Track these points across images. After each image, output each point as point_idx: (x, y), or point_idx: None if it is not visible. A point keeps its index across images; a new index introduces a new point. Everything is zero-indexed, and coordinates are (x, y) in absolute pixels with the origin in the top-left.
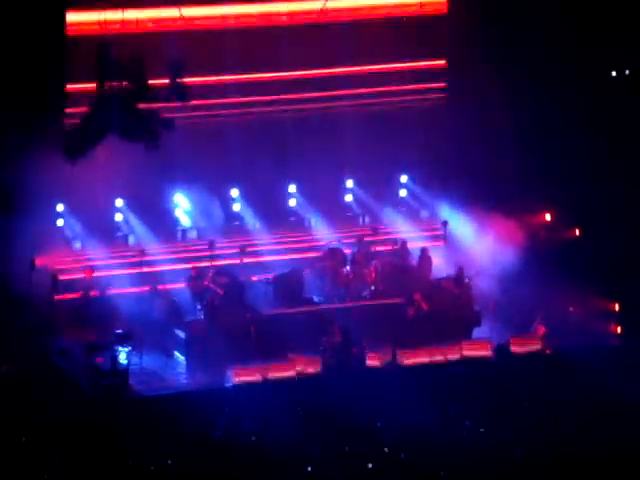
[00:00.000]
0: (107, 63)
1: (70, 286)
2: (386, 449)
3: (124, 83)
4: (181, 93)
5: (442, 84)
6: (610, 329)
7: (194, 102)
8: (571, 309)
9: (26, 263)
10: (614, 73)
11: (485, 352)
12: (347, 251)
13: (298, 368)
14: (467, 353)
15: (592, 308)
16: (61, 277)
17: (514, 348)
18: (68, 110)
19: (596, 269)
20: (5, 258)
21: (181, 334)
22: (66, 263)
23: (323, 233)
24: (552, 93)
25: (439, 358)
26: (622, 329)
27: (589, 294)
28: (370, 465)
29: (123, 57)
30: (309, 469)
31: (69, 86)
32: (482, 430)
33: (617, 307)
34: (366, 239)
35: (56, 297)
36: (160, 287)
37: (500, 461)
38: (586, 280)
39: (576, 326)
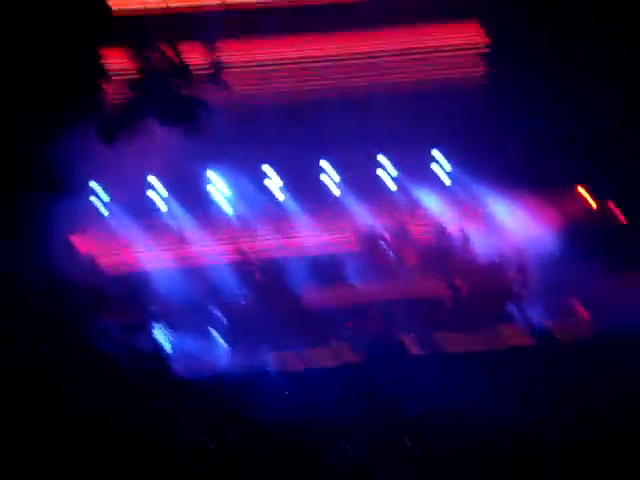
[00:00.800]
0: (146, 44)
1: (109, 267)
2: (430, 435)
3: (162, 65)
4: (217, 73)
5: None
6: None
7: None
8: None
9: (63, 243)
10: None
11: (524, 339)
12: (385, 233)
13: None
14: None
15: (634, 289)
16: (100, 257)
17: (554, 331)
18: (106, 91)
19: (635, 246)
20: (42, 238)
21: (221, 316)
22: (104, 244)
23: (360, 214)
24: (591, 69)
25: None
26: None
27: (631, 275)
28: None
29: (162, 39)
30: (348, 450)
31: (108, 67)
32: (524, 414)
33: None
34: (404, 219)
35: (95, 278)
36: (201, 269)
37: (539, 444)
38: (627, 261)
39: (617, 307)
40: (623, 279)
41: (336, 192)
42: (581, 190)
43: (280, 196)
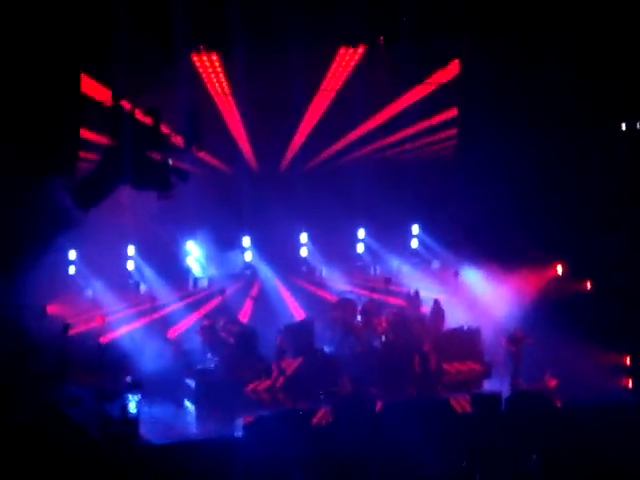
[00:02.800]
0: (120, 114)
1: (81, 334)
2: None
3: (137, 134)
4: (195, 143)
5: (453, 132)
6: (622, 383)
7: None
8: (583, 366)
9: (38, 310)
10: (624, 126)
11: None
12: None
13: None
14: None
15: (604, 362)
16: (72, 325)
17: (524, 400)
18: (82, 157)
19: (607, 322)
20: (17, 305)
21: (191, 383)
22: (78, 311)
23: (334, 283)
24: (563, 145)
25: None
26: (634, 383)
27: (601, 347)
28: None
29: (138, 107)
30: None
31: (83, 135)
32: None
33: (628, 361)
34: (378, 290)
35: (67, 345)
36: (171, 335)
37: None
38: (597, 333)
39: (587, 379)
40: (595, 352)
41: (312, 260)
42: (554, 262)
43: (256, 263)
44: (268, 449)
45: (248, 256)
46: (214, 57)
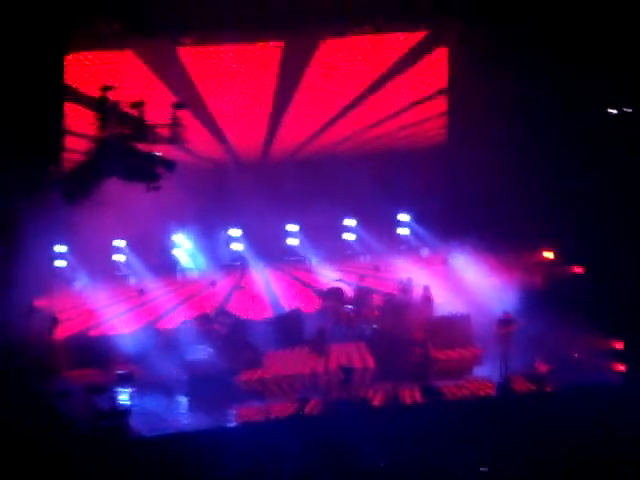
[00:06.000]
0: (106, 106)
1: (70, 327)
2: None
3: (124, 126)
4: (179, 134)
5: (442, 122)
6: (614, 367)
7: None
8: (574, 351)
9: (25, 305)
10: (614, 111)
11: (488, 390)
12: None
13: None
14: (469, 392)
15: (595, 346)
16: (61, 318)
17: (515, 386)
18: (68, 151)
19: (599, 306)
20: (4, 300)
21: (183, 374)
22: (66, 304)
23: (324, 272)
24: (551, 131)
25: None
26: (626, 367)
27: (592, 332)
28: None
29: (123, 100)
30: None
31: (69, 127)
32: (483, 469)
33: (621, 345)
34: (368, 277)
35: (56, 338)
36: (162, 327)
37: None
38: (589, 318)
39: (579, 364)
40: (586, 336)
41: (301, 250)
42: (545, 247)
43: (246, 254)
44: (260, 440)
45: (238, 247)
46: (201, 50)
